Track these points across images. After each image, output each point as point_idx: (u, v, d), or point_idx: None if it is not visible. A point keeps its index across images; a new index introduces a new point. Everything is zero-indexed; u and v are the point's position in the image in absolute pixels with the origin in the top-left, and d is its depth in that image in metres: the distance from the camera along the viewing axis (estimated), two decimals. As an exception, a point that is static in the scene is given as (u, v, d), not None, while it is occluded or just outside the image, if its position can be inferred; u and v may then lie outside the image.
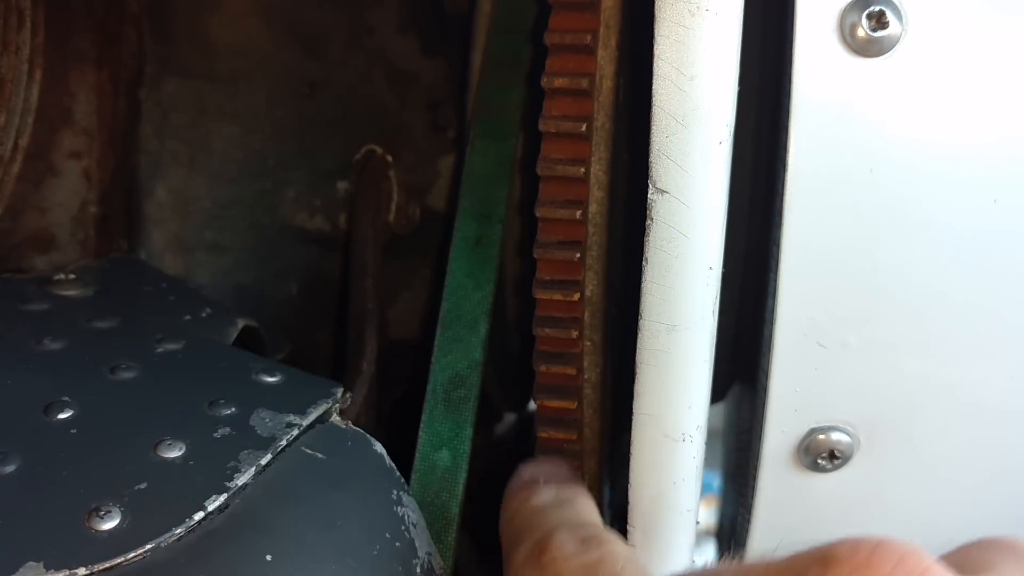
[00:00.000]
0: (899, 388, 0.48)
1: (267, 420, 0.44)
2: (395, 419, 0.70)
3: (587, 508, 0.46)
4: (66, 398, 0.43)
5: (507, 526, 0.46)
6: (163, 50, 0.64)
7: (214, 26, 0.65)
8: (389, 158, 0.68)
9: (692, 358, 0.44)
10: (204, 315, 0.55)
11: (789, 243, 0.45)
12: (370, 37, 0.69)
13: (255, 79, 0.66)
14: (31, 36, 0.53)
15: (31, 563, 0.35)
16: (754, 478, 0.50)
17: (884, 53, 0.44)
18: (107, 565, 0.36)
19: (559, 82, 0.46)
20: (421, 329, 0.75)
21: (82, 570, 0.36)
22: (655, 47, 0.39)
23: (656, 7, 0.39)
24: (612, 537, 0.42)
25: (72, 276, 0.57)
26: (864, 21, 0.44)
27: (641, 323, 0.44)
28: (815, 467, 0.49)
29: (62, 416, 0.42)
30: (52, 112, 0.58)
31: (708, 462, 0.49)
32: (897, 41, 0.44)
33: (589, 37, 0.45)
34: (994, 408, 0.49)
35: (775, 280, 0.46)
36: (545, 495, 0.47)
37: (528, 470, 0.49)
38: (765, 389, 0.48)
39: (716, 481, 0.85)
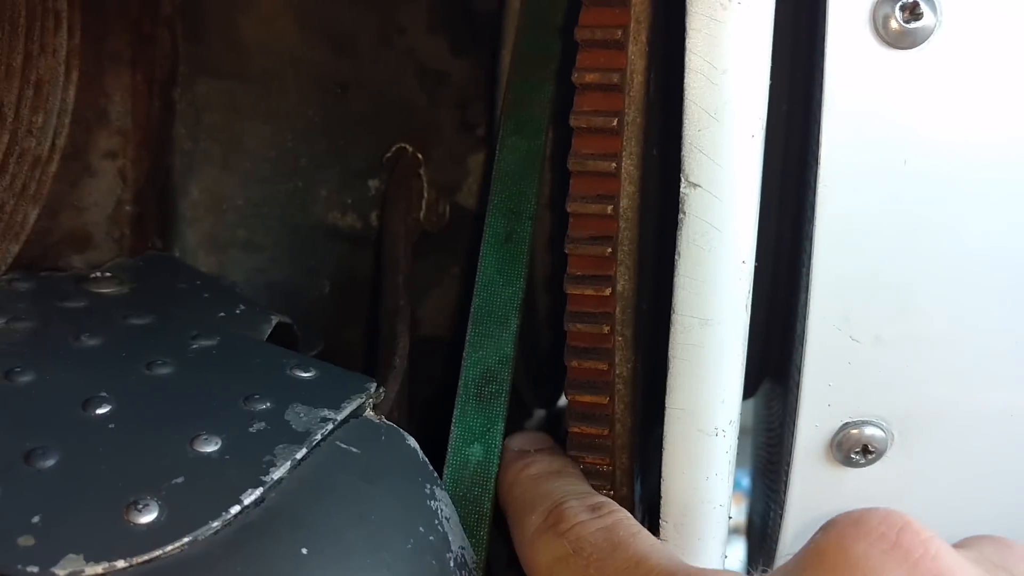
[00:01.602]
0: (933, 382, 0.47)
1: (302, 415, 0.44)
2: (426, 416, 0.70)
3: (582, 477, 0.49)
4: (104, 393, 0.44)
5: (508, 494, 0.48)
6: (196, 50, 0.64)
7: (246, 26, 0.66)
8: (420, 156, 0.68)
9: (725, 352, 0.44)
10: (238, 312, 0.56)
11: (822, 237, 0.45)
12: (401, 36, 0.69)
13: (287, 78, 0.67)
14: (68, 38, 0.54)
15: (71, 555, 0.36)
16: (786, 474, 0.50)
17: (918, 45, 0.44)
18: (145, 558, 0.37)
19: (590, 77, 0.46)
20: (451, 326, 0.75)
21: (121, 562, 0.36)
22: (687, 41, 0.39)
23: (688, 1, 0.39)
24: (616, 505, 0.45)
25: (108, 274, 0.58)
26: (897, 13, 0.43)
27: (674, 317, 0.44)
28: (848, 462, 0.48)
29: (100, 411, 0.43)
30: (88, 113, 0.58)
31: (737, 460, 0.48)
32: (931, 33, 0.44)
33: (620, 32, 0.45)
34: (1030, 403, 0.49)
35: (808, 274, 0.46)
36: (540, 464, 0.49)
37: (516, 440, 0.52)
38: (798, 384, 0.48)
39: (745, 480, 0.85)
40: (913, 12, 0.43)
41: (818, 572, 0.36)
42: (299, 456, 0.42)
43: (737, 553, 0.78)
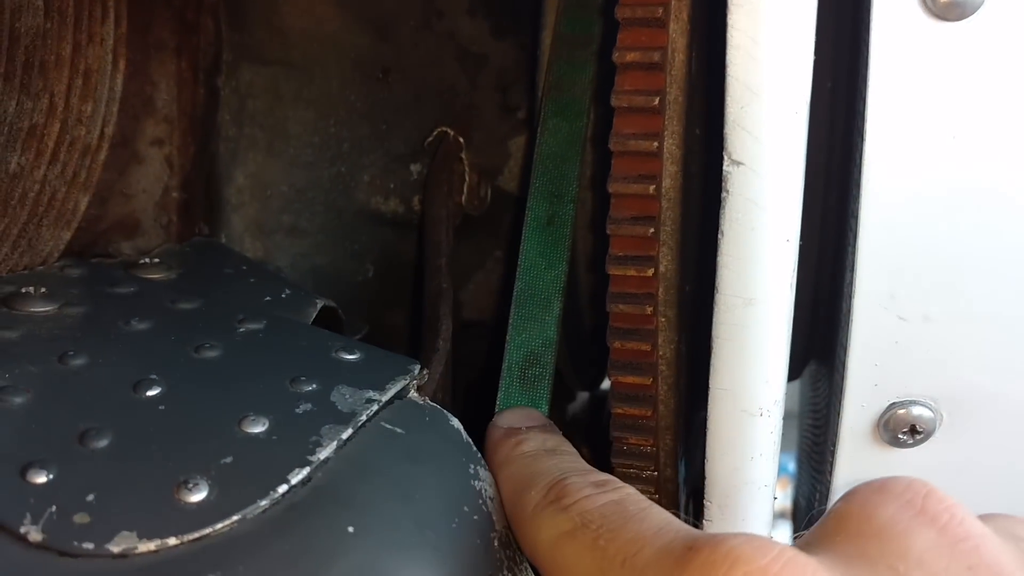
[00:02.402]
0: (981, 362, 0.47)
1: (347, 396, 0.45)
2: (471, 399, 0.70)
3: (578, 456, 0.46)
4: (154, 376, 0.45)
5: (501, 474, 0.45)
6: (239, 38, 0.65)
7: (288, 13, 0.66)
8: (461, 140, 0.68)
9: (769, 332, 0.44)
10: (284, 296, 0.56)
11: (868, 214, 0.45)
12: (440, 20, 0.69)
13: (328, 64, 0.67)
14: (115, 27, 0.54)
15: (124, 532, 0.37)
16: (832, 455, 0.49)
17: (966, 17, 0.43)
18: (196, 535, 0.37)
19: (631, 56, 0.46)
20: (494, 310, 0.75)
21: (172, 539, 0.37)
22: (728, 16, 0.39)
23: (729, -24, 0.39)
24: (621, 481, 0.42)
25: (156, 260, 0.59)
26: (946, -16, 0.43)
27: (717, 297, 0.43)
28: (896, 442, 0.48)
29: (150, 393, 0.44)
30: (135, 101, 0.59)
31: (783, 444, 0.48)
32: (980, 4, 0.43)
33: (661, 10, 0.45)
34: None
35: (853, 253, 0.45)
36: (534, 442, 0.47)
37: (505, 418, 0.49)
38: (844, 364, 0.47)
39: (791, 464, 0.84)
40: (962, -17, 0.43)
41: (842, 539, 0.35)
42: (345, 436, 0.42)
43: (783, 537, 0.78)
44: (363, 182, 0.69)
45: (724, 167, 0.41)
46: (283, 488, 0.39)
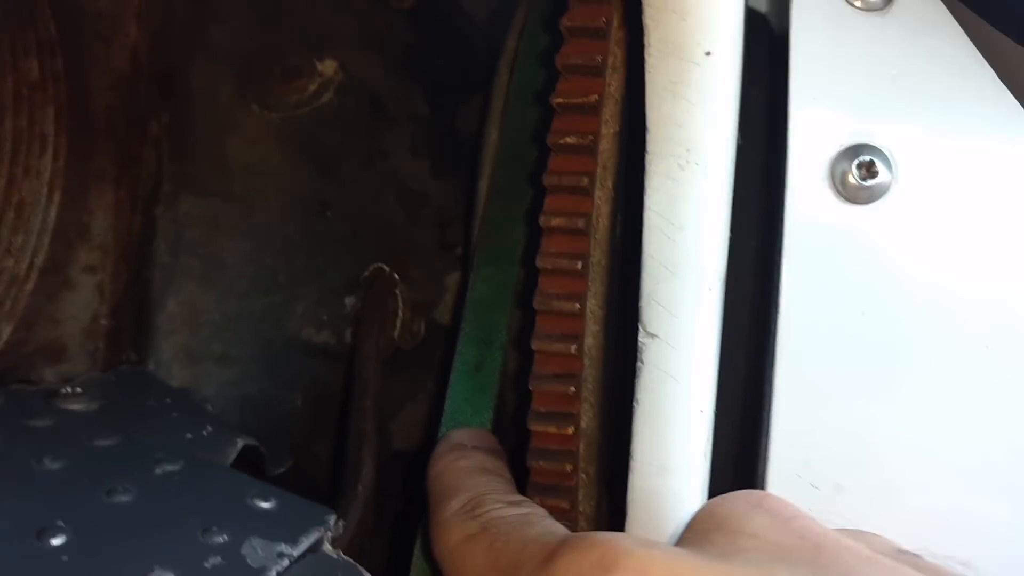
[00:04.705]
0: (893, 532, 0.47)
1: (258, 549, 0.44)
2: (397, 530, 0.69)
3: (511, 483, 0.49)
4: (60, 522, 0.44)
5: (436, 482, 0.48)
6: (181, 168, 0.66)
7: (232, 146, 0.67)
8: (396, 276, 0.69)
9: (683, 500, 0.44)
10: (205, 433, 0.56)
11: (781, 383, 0.46)
12: (383, 159, 0.71)
13: (269, 197, 0.68)
14: (52, 160, 0.55)
15: None
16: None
17: (875, 200, 0.45)
18: None
19: (556, 221, 0.47)
20: (423, 440, 0.75)
21: None
22: (645, 198, 0.40)
23: (647, 160, 0.40)
24: (535, 504, 0.46)
25: (79, 390, 0.58)
26: (854, 169, 0.45)
27: (632, 464, 0.44)
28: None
29: (55, 542, 0.43)
30: (70, 229, 0.59)
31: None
32: (887, 189, 0.45)
33: (586, 179, 0.46)
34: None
35: (768, 420, 0.46)
36: (474, 459, 0.50)
37: (458, 434, 0.52)
38: (759, 528, 0.48)
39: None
40: (869, 169, 0.45)
41: (690, 534, 0.41)
42: (252, 595, 0.41)
43: None
44: (296, 313, 0.69)
45: (639, 338, 0.42)
46: (183, 652, 0.38)
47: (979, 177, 0.46)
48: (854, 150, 0.45)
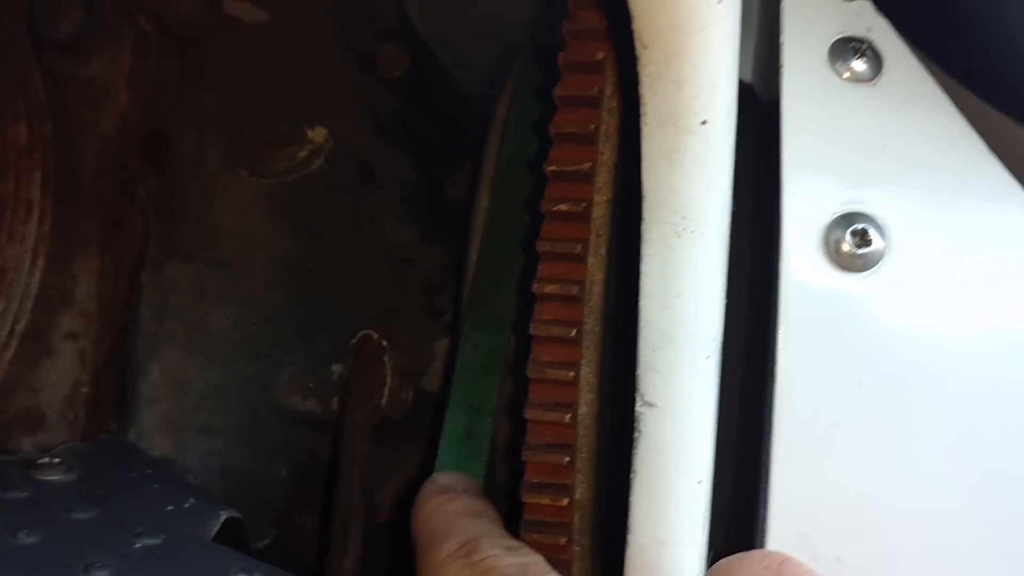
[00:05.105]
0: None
1: (241, 628, 0.43)
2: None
3: (502, 525, 0.48)
4: (35, 601, 0.42)
5: (423, 524, 0.47)
6: (167, 234, 0.65)
7: (219, 212, 0.67)
8: (384, 343, 0.68)
9: (682, 574, 0.43)
10: (187, 505, 0.54)
11: (779, 454, 0.45)
12: (371, 224, 0.71)
13: (255, 263, 0.68)
14: (37, 225, 0.54)
15: None
16: None
17: (869, 268, 0.45)
18: None
19: (549, 288, 0.47)
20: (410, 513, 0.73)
21: None
22: (642, 265, 0.40)
23: (643, 228, 0.40)
24: (532, 550, 0.44)
25: (57, 460, 0.57)
26: (848, 237, 0.45)
27: (630, 537, 0.43)
28: None
29: (28, 623, 0.41)
30: (53, 295, 0.58)
31: None
32: (881, 257, 0.45)
33: (579, 247, 0.46)
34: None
35: (766, 491, 0.45)
36: (463, 503, 0.48)
37: (444, 477, 0.51)
38: (758, 603, 0.46)
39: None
40: (863, 237, 0.45)
41: None
42: None
43: None
44: (282, 381, 0.68)
45: (636, 407, 0.42)
46: None
47: (971, 245, 0.46)
48: (848, 218, 0.45)
